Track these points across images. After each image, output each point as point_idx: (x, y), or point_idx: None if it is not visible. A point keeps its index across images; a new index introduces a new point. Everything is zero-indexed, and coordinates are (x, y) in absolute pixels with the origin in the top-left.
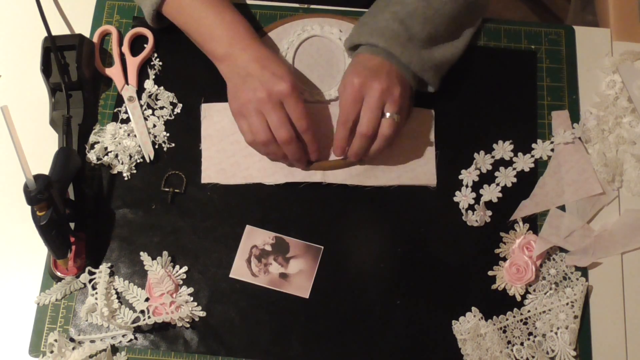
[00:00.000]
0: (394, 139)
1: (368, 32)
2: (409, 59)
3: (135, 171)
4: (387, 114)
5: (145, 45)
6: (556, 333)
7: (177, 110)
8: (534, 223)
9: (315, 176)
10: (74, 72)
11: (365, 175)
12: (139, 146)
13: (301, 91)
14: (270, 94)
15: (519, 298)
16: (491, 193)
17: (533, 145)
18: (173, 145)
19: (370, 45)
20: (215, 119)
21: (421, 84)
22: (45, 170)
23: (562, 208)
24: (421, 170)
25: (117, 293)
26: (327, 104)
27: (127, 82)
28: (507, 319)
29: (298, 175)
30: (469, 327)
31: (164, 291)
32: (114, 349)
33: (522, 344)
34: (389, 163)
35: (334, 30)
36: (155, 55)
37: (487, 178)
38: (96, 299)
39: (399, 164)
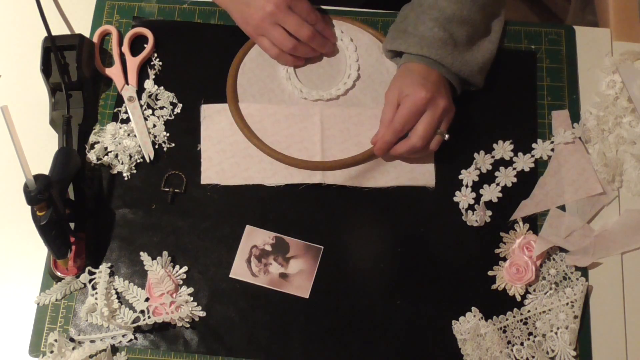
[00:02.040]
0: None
1: (416, 43)
2: (459, 67)
3: (135, 171)
4: (438, 131)
5: (145, 45)
6: (556, 333)
7: (177, 110)
8: (534, 223)
9: (314, 177)
10: (74, 72)
11: (364, 176)
12: (139, 146)
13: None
14: (277, 4)
15: (519, 298)
16: (491, 193)
17: (533, 145)
18: (173, 145)
19: (420, 56)
20: (215, 119)
21: (466, 84)
22: (45, 170)
23: (562, 208)
24: (420, 171)
25: (117, 293)
26: (328, 104)
27: (127, 82)
28: (507, 319)
29: (298, 176)
30: (469, 327)
31: (164, 291)
32: (114, 349)
33: (522, 344)
34: (388, 164)
35: (335, 31)
36: (155, 55)
37: (487, 178)
38: (96, 299)
39: (398, 165)
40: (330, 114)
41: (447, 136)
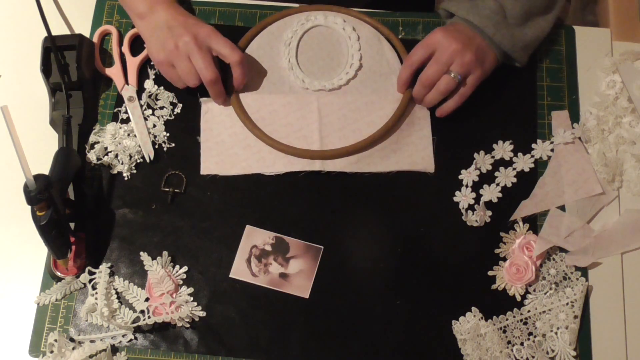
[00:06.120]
0: (462, 99)
1: (466, 7)
2: (501, 39)
3: (135, 171)
4: (452, 74)
5: (145, 45)
6: (556, 333)
7: (177, 110)
8: (534, 223)
9: (314, 165)
10: (74, 72)
11: (363, 162)
12: (139, 146)
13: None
14: (196, 36)
15: (519, 298)
16: (491, 193)
17: (533, 145)
18: (173, 145)
19: (466, 20)
20: (215, 111)
21: (508, 59)
22: (45, 170)
23: (562, 208)
24: (419, 156)
25: (117, 293)
26: (328, 93)
27: (127, 82)
28: (507, 319)
29: (297, 164)
30: (469, 327)
31: (164, 291)
32: (114, 349)
33: (522, 344)
34: (387, 150)
35: (337, 20)
36: None
37: (487, 178)
38: (96, 299)
39: (397, 150)
40: (328, 101)
41: (455, 76)
